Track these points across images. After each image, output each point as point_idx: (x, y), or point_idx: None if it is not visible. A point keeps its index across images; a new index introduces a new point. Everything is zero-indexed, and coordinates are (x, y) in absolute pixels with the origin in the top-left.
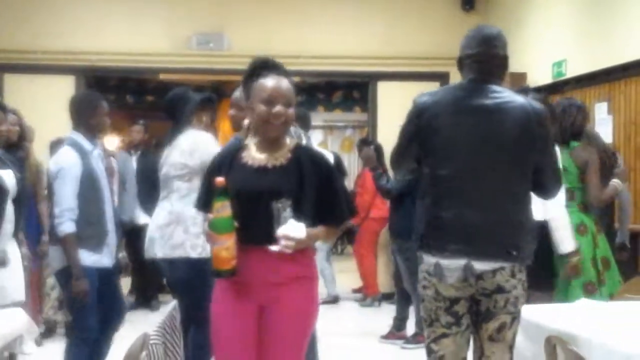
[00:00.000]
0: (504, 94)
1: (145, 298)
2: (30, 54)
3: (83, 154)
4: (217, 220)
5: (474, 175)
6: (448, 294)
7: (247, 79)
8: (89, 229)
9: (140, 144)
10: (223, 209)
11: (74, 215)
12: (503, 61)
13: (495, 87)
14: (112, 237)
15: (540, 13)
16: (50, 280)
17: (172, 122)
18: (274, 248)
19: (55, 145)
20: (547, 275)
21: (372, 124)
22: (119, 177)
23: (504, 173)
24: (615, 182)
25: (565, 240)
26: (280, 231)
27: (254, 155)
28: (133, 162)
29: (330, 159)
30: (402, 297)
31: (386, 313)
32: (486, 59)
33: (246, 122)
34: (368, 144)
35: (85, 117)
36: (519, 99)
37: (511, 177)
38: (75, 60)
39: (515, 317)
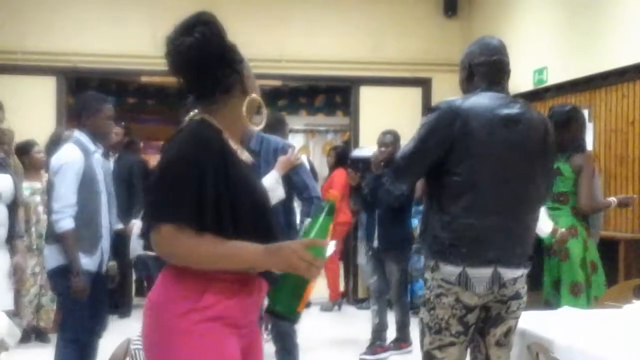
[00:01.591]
0: (520, 104)
1: (117, 304)
2: (10, 54)
3: (86, 154)
4: (324, 246)
5: (505, 184)
6: (470, 302)
7: None
8: (85, 229)
9: (117, 146)
10: (329, 231)
11: (74, 212)
12: (509, 72)
13: (510, 97)
14: (105, 243)
15: (521, 20)
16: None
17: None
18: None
19: (54, 139)
20: (535, 275)
21: (354, 128)
22: None
23: (530, 181)
24: (612, 199)
25: (543, 224)
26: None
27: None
28: (111, 164)
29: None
30: (384, 308)
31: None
32: (502, 66)
33: None
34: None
35: (86, 118)
36: (532, 109)
37: (534, 186)
38: (56, 61)
39: (518, 321)
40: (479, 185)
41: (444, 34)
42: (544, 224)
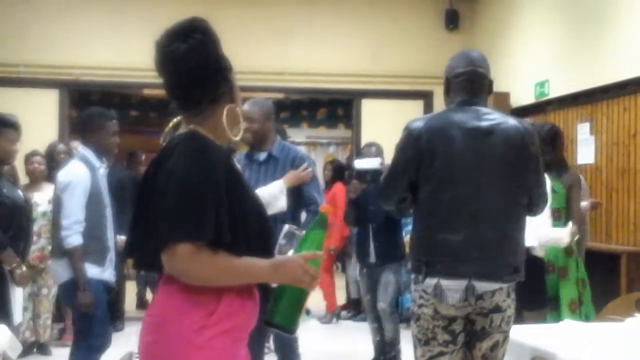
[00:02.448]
0: (495, 115)
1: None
2: (13, 67)
3: (92, 169)
4: (320, 258)
5: (476, 197)
6: (447, 313)
7: None
8: (93, 242)
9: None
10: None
11: (82, 228)
12: (488, 84)
13: (485, 109)
14: (112, 255)
15: (523, 34)
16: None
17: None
18: None
19: (51, 150)
20: (539, 294)
21: (356, 141)
22: None
23: (505, 193)
24: (584, 203)
25: (557, 232)
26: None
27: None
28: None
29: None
30: (378, 321)
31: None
32: (476, 78)
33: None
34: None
35: (91, 134)
36: (511, 120)
37: (511, 197)
38: (59, 75)
39: (507, 335)
40: (447, 200)
41: (445, 48)
42: (563, 231)
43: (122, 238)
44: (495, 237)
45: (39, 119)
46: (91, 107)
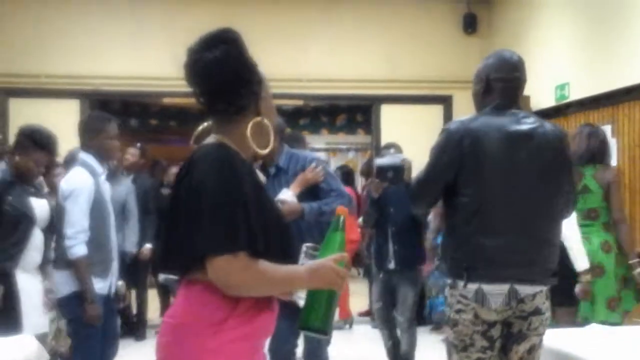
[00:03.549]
0: (532, 119)
1: (131, 326)
2: (34, 78)
3: (94, 176)
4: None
5: (517, 202)
6: (488, 317)
7: None
8: (97, 253)
9: (133, 168)
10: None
11: (87, 237)
12: (524, 88)
13: (522, 112)
14: (115, 265)
15: (542, 36)
16: None
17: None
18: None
19: (70, 158)
20: (570, 291)
21: (376, 146)
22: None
23: (545, 197)
24: None
25: (578, 258)
26: None
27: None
28: (129, 184)
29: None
30: (395, 329)
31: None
32: (519, 84)
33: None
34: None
35: (91, 138)
36: (547, 124)
37: (551, 201)
38: (79, 85)
39: (542, 338)
40: (488, 206)
41: (464, 52)
42: (579, 259)
43: (147, 246)
44: (534, 242)
45: (60, 129)
46: (92, 112)
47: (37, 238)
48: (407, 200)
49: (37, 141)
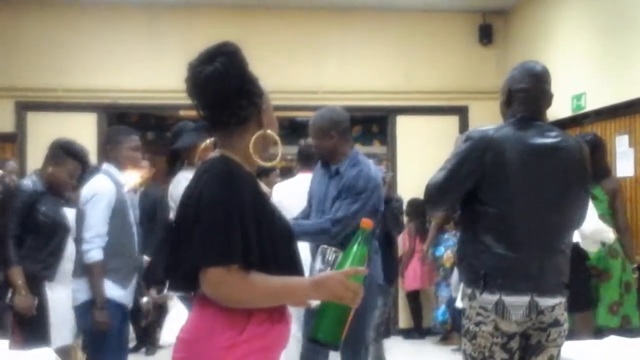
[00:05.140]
0: (556, 132)
1: (142, 340)
2: (52, 92)
3: (117, 184)
4: (362, 274)
5: (538, 214)
6: (508, 329)
7: None
8: (117, 260)
9: (144, 181)
10: (365, 259)
11: (104, 242)
12: (550, 99)
13: (547, 126)
14: (135, 276)
15: (558, 46)
16: None
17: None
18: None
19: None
20: (586, 294)
21: (392, 157)
22: None
23: (564, 210)
24: None
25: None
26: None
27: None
28: (136, 199)
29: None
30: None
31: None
32: (542, 95)
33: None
34: None
35: (112, 150)
36: (569, 137)
37: (569, 214)
38: (96, 98)
39: (561, 349)
40: (511, 217)
41: (479, 62)
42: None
43: (145, 258)
44: (552, 255)
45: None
46: (113, 126)
47: (70, 248)
48: (381, 217)
49: (71, 152)
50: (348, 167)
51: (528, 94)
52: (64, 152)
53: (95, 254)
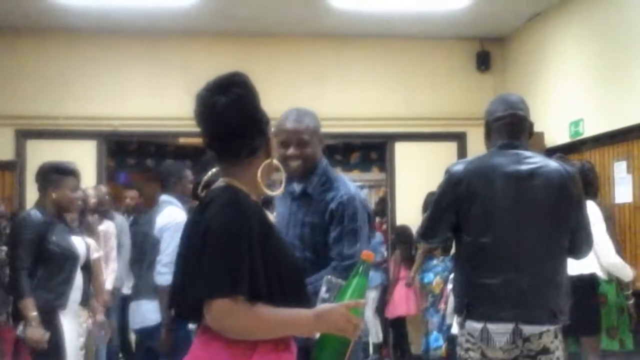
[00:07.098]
0: (536, 159)
1: None
2: (52, 119)
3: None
4: (362, 306)
5: (517, 241)
6: (495, 356)
7: None
8: None
9: (134, 210)
10: (365, 291)
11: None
12: (528, 126)
13: (526, 152)
14: None
15: (556, 73)
16: None
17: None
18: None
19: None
20: (594, 318)
21: (390, 183)
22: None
23: (545, 237)
24: None
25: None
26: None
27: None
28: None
29: None
30: None
31: None
32: (516, 121)
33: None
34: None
35: (176, 184)
36: (552, 163)
37: (552, 240)
38: (96, 126)
39: None
40: (486, 245)
41: (477, 89)
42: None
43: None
44: (534, 282)
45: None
46: (167, 161)
47: (79, 276)
48: None
49: (65, 171)
50: (318, 186)
51: (503, 121)
52: (59, 173)
53: (168, 279)
